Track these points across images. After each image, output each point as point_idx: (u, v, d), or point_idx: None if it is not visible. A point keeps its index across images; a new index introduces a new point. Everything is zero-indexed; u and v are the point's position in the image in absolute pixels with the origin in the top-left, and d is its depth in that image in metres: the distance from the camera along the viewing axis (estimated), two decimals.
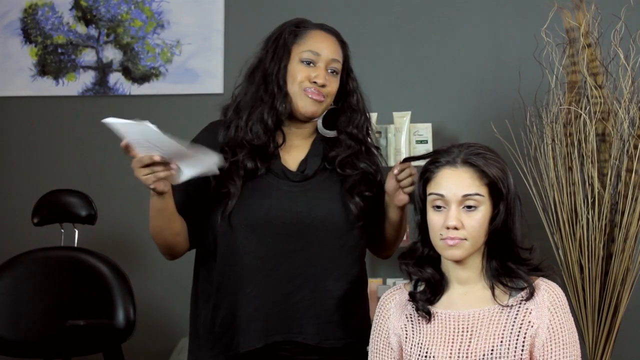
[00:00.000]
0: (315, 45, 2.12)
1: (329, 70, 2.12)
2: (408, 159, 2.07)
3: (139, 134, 1.88)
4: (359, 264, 2.14)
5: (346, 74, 2.18)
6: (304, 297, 2.05)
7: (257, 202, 2.06)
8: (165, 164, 1.89)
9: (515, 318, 1.80)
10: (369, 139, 2.19)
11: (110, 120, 1.88)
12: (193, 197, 2.10)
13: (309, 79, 2.09)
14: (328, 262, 2.06)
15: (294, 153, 2.14)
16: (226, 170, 2.06)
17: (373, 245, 2.27)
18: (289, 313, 2.04)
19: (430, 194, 1.82)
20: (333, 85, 2.12)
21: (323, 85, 2.09)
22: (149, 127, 1.85)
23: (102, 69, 3.94)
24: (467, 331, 1.81)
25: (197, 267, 2.18)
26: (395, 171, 2.06)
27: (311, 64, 2.10)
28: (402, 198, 2.09)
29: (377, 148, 2.22)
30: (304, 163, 2.13)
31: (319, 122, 2.15)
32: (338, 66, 2.14)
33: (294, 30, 2.14)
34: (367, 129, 2.19)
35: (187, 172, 1.93)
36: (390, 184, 2.10)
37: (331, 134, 2.15)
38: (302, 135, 2.16)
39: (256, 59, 2.16)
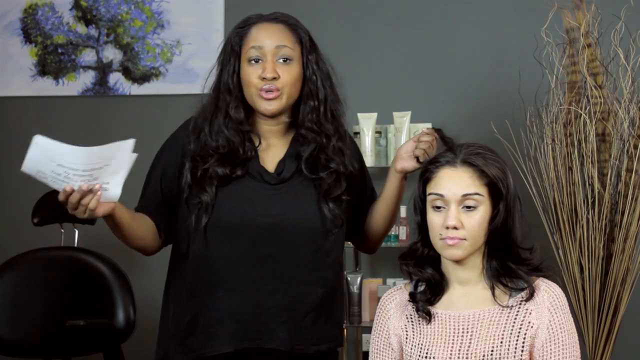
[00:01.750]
0: (257, 39, 2.04)
1: (280, 60, 2.03)
2: (440, 131, 2.02)
3: (46, 160, 1.82)
4: (333, 269, 2.09)
5: (305, 58, 2.08)
6: (277, 302, 2.01)
7: (231, 205, 2.02)
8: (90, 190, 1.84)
9: (515, 318, 1.80)
10: (330, 126, 2.08)
11: (27, 168, 1.83)
12: (166, 200, 2.09)
13: (260, 77, 2.02)
14: (301, 266, 2.03)
15: (273, 152, 2.09)
16: (198, 180, 2.02)
17: (357, 239, 2.24)
18: (261, 318, 2.01)
19: (430, 193, 1.82)
20: (286, 74, 2.03)
21: (274, 78, 2.01)
22: (44, 144, 1.80)
23: (102, 69, 3.94)
24: (467, 332, 1.81)
25: (172, 263, 2.15)
26: (425, 130, 2.04)
27: (259, 61, 2.03)
28: (404, 163, 2.06)
29: (338, 132, 2.10)
30: (281, 164, 2.08)
31: None
32: (288, 52, 2.04)
33: (239, 31, 2.08)
34: (330, 115, 2.09)
35: (115, 180, 1.86)
36: (408, 145, 2.06)
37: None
38: (279, 132, 2.10)
39: (217, 66, 2.11)
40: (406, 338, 1.86)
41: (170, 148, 2.12)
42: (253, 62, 2.04)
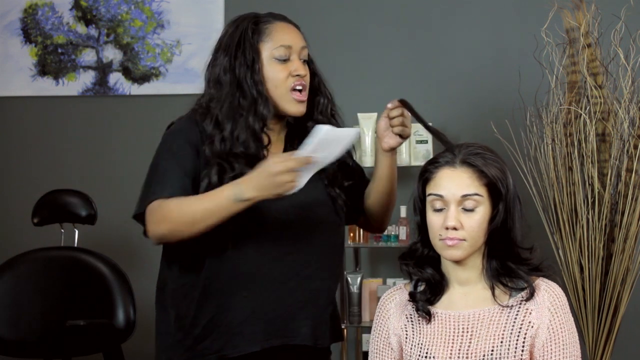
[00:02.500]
0: (285, 38, 2.06)
1: (302, 60, 2.08)
2: (404, 101, 2.09)
3: (331, 142, 1.91)
4: (340, 263, 2.18)
5: (309, 58, 2.13)
6: (298, 299, 2.03)
7: (250, 207, 1.97)
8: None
9: (516, 318, 1.80)
10: (334, 121, 2.14)
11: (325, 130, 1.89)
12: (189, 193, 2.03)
13: (290, 75, 2.04)
14: (317, 262, 2.06)
15: (271, 150, 2.08)
16: (219, 184, 1.97)
17: (362, 219, 2.24)
18: (284, 316, 2.02)
19: (430, 194, 1.82)
20: (308, 73, 2.09)
21: (304, 76, 2.06)
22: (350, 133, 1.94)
23: (102, 69, 3.94)
24: (467, 331, 1.81)
25: (171, 264, 2.08)
26: (390, 105, 2.07)
27: (286, 60, 2.05)
28: (389, 141, 2.09)
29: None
30: None
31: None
32: (307, 53, 2.10)
33: (255, 28, 2.06)
34: (332, 111, 2.15)
35: (305, 176, 1.93)
36: (381, 123, 2.09)
37: None
38: (278, 130, 2.11)
39: (221, 65, 2.07)
40: (406, 338, 1.86)
41: (185, 139, 2.05)
42: (279, 61, 2.05)
